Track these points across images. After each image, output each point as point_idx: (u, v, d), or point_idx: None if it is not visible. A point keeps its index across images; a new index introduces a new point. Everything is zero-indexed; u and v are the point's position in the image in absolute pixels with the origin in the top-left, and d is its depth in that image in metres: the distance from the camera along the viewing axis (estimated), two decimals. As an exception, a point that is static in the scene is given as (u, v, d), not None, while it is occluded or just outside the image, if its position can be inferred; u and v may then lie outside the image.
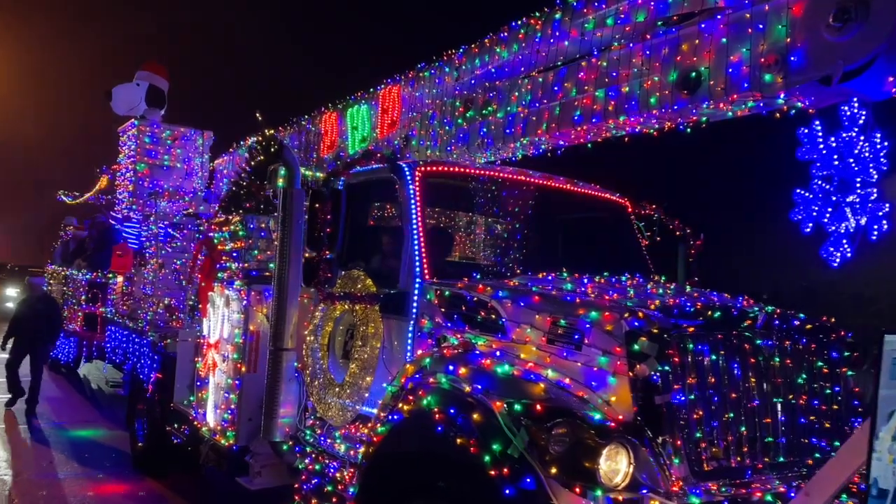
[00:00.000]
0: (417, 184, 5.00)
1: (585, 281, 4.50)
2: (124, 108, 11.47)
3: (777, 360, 3.85)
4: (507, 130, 5.61)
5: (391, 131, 7.05)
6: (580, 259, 5.77)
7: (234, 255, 6.70)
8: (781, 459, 3.75)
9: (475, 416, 3.53)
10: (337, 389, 5.14)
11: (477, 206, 5.19)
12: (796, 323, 4.03)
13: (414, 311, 4.66)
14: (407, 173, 5.04)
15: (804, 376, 3.93)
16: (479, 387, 3.63)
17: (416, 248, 4.79)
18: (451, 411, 3.65)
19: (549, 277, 4.63)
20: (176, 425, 7.76)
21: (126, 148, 11.46)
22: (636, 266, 5.87)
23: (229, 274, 6.75)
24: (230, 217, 6.86)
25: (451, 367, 3.86)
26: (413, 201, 4.94)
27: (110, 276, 11.42)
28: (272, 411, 5.59)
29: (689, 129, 4.58)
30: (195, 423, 7.16)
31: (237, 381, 6.33)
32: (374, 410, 4.72)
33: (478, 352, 3.94)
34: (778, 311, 4.13)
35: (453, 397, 3.72)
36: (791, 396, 3.85)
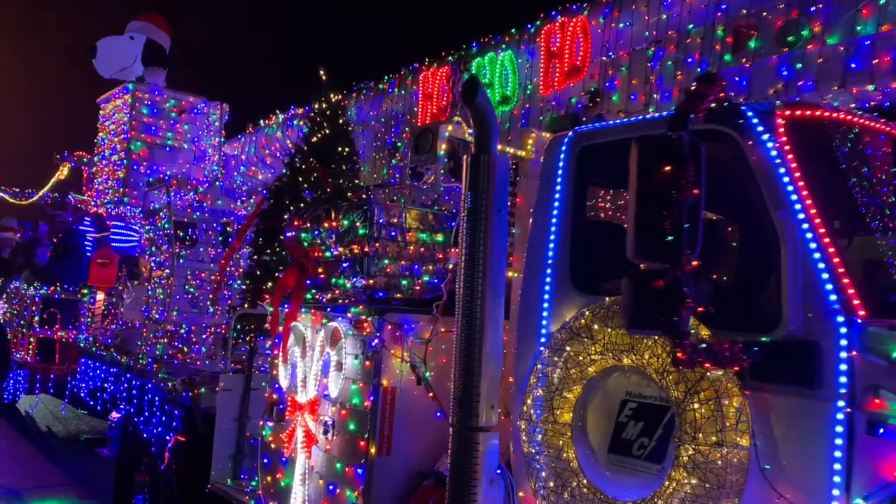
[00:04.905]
0: (784, 140, 2.77)
1: None
2: (113, 68, 8.63)
3: None
4: (852, 65, 3.42)
5: (568, 84, 4.76)
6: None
7: (345, 265, 4.28)
8: None
9: None
10: (621, 513, 2.82)
11: (855, 175, 2.98)
12: None
13: (841, 381, 2.40)
14: (759, 123, 2.80)
15: None
16: None
17: (822, 256, 2.54)
18: None
19: None
20: (217, 518, 5.25)
21: (112, 123, 8.63)
22: None
23: (337, 295, 4.32)
24: (333, 207, 4.43)
25: None
26: (784, 170, 2.70)
27: (86, 292, 8.66)
28: (464, 538, 3.23)
29: None
30: (261, 522, 4.69)
31: (358, 470, 3.94)
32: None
33: None
34: None
35: None
36: None
